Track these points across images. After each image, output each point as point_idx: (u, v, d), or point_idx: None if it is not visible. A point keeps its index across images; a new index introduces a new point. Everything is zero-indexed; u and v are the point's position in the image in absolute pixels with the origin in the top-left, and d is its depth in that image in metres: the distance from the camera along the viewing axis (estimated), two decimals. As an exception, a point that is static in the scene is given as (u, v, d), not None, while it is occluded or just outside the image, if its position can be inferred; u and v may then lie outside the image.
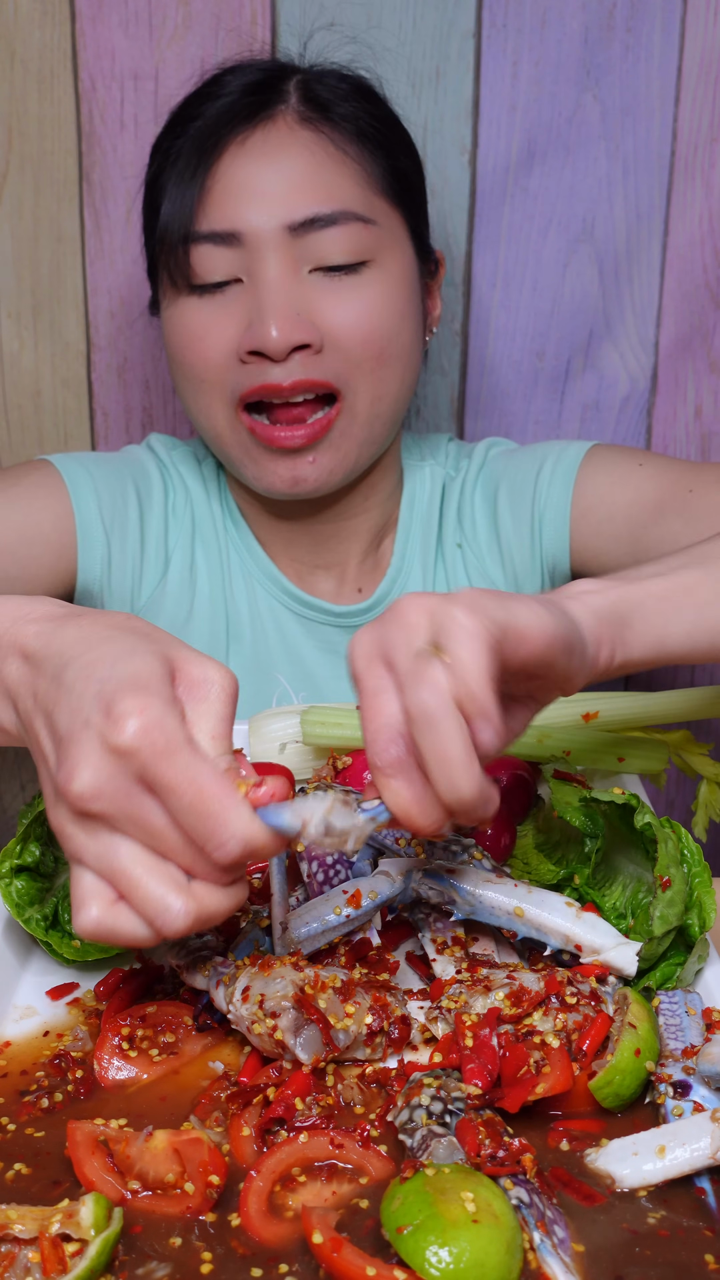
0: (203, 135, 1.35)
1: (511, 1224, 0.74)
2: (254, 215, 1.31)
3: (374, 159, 1.36)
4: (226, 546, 1.49)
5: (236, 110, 1.35)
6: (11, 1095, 0.89)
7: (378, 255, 1.35)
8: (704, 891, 0.97)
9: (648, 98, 1.60)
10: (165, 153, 1.38)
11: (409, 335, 1.38)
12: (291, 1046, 0.87)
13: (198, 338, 1.34)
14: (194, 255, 1.33)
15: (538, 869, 1.09)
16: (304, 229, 1.31)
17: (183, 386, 1.39)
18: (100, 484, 1.45)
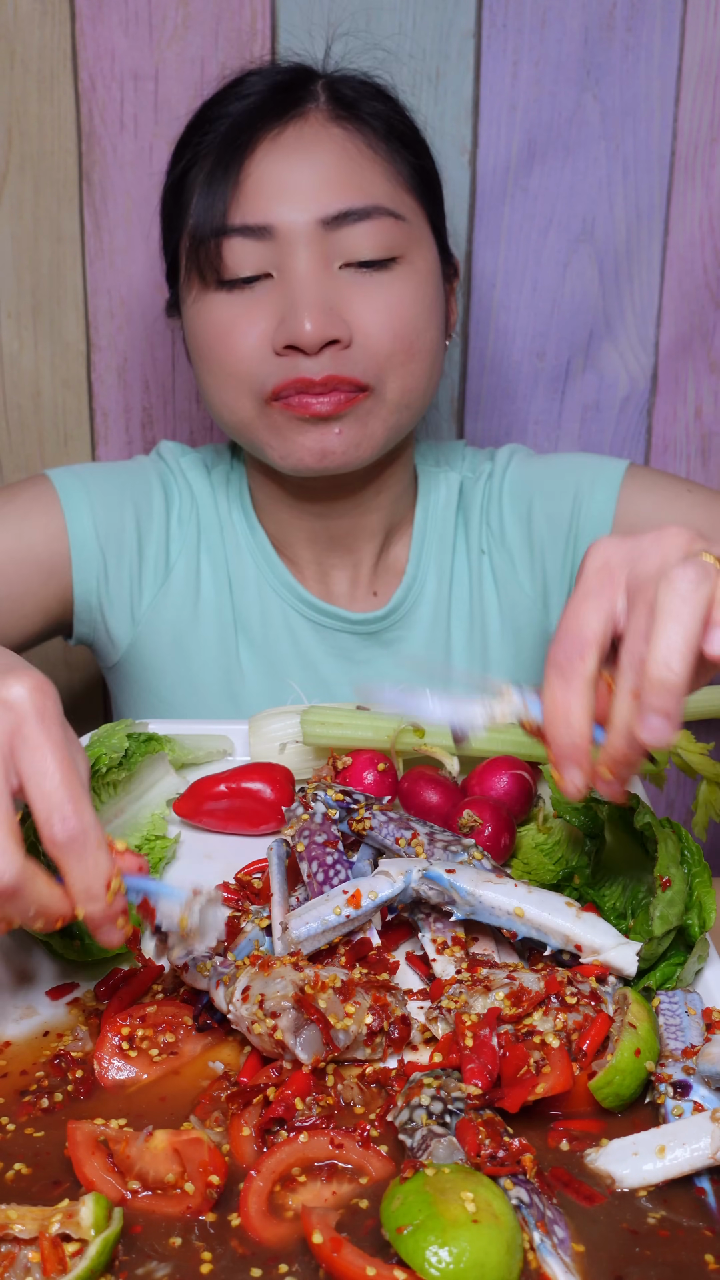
0: (234, 131, 1.36)
1: (511, 1224, 0.74)
2: (287, 209, 1.32)
3: (402, 157, 1.38)
4: (238, 552, 1.49)
5: (267, 107, 1.36)
6: (11, 1095, 0.89)
7: (407, 252, 1.36)
8: (704, 891, 0.97)
9: (648, 98, 1.60)
10: (194, 150, 1.39)
11: (435, 333, 1.39)
12: (291, 1046, 0.87)
13: (227, 332, 1.35)
14: (226, 249, 1.33)
15: (538, 869, 1.09)
16: (336, 223, 1.32)
17: (209, 381, 1.39)
18: (97, 498, 1.45)
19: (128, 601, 1.47)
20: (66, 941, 0.99)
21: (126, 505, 1.47)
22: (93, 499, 1.45)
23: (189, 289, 1.39)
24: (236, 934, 0.99)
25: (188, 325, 1.40)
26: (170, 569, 1.48)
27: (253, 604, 1.48)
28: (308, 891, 1.02)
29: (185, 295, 1.40)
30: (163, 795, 1.17)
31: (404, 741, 1.16)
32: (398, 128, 1.40)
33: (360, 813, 1.06)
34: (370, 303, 1.34)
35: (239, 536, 1.49)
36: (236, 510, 1.50)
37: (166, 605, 1.47)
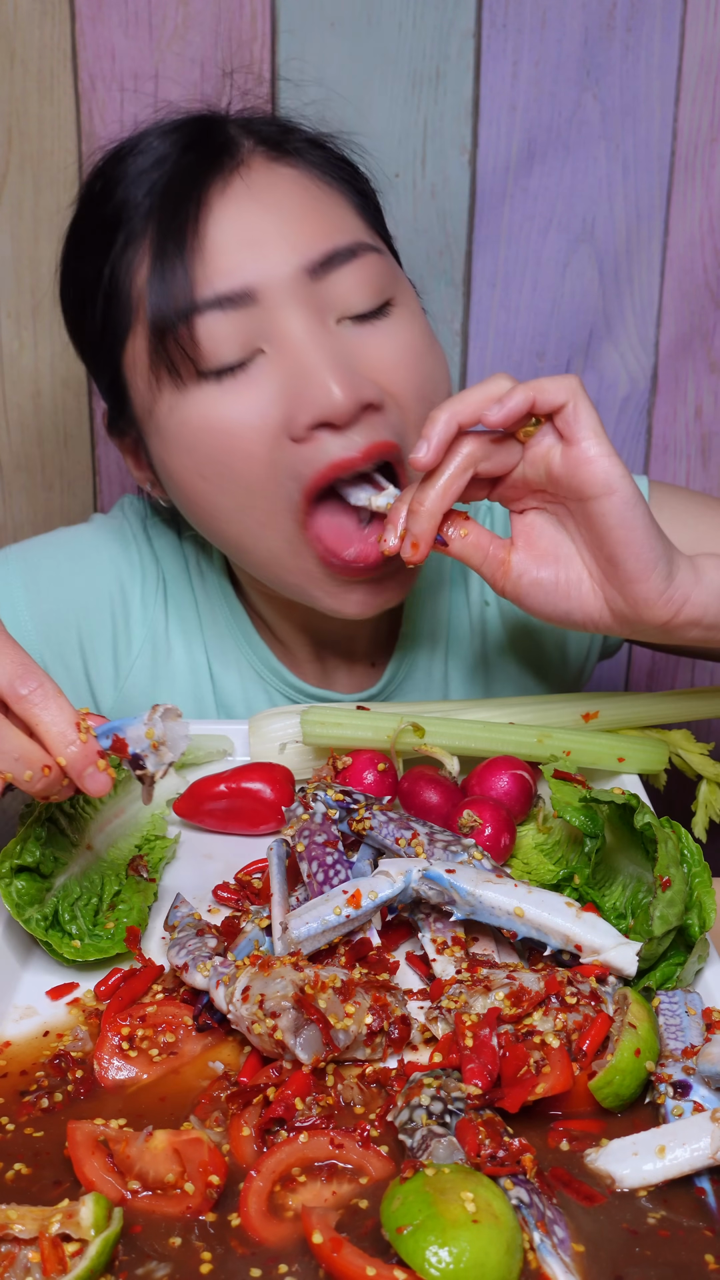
0: (170, 194, 1.17)
1: (511, 1224, 0.74)
2: (265, 263, 1.14)
3: (345, 185, 1.24)
4: (216, 632, 1.36)
5: (199, 165, 1.18)
6: (11, 1095, 0.89)
7: (394, 290, 1.20)
8: (704, 891, 0.97)
9: (648, 98, 1.60)
10: (113, 233, 1.20)
11: (443, 371, 1.24)
12: (291, 1046, 0.87)
13: (230, 434, 1.14)
14: (200, 330, 1.13)
15: (538, 869, 1.09)
16: (323, 269, 1.15)
17: (221, 505, 1.18)
18: (35, 603, 1.32)
19: (89, 698, 1.35)
20: (66, 941, 0.99)
21: (68, 612, 1.33)
22: (31, 601, 1.32)
23: (157, 395, 1.17)
24: (236, 934, 1.00)
25: (168, 441, 1.19)
26: (134, 658, 1.34)
27: (234, 687, 1.36)
28: (308, 891, 1.02)
29: (153, 406, 1.18)
30: (163, 795, 1.17)
31: (404, 741, 1.16)
32: (325, 158, 1.24)
33: (360, 813, 1.06)
34: (383, 356, 1.17)
35: (217, 615, 1.35)
36: (214, 586, 1.35)
37: (134, 695, 1.35)
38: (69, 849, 1.05)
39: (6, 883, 0.99)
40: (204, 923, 1.01)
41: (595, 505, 1.04)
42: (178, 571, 1.36)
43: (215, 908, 1.07)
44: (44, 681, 0.92)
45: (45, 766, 0.92)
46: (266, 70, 1.58)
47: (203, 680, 1.36)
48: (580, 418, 1.03)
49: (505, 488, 1.09)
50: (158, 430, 1.20)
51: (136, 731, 0.96)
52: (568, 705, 1.23)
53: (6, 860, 1.00)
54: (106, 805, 1.10)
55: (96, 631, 1.34)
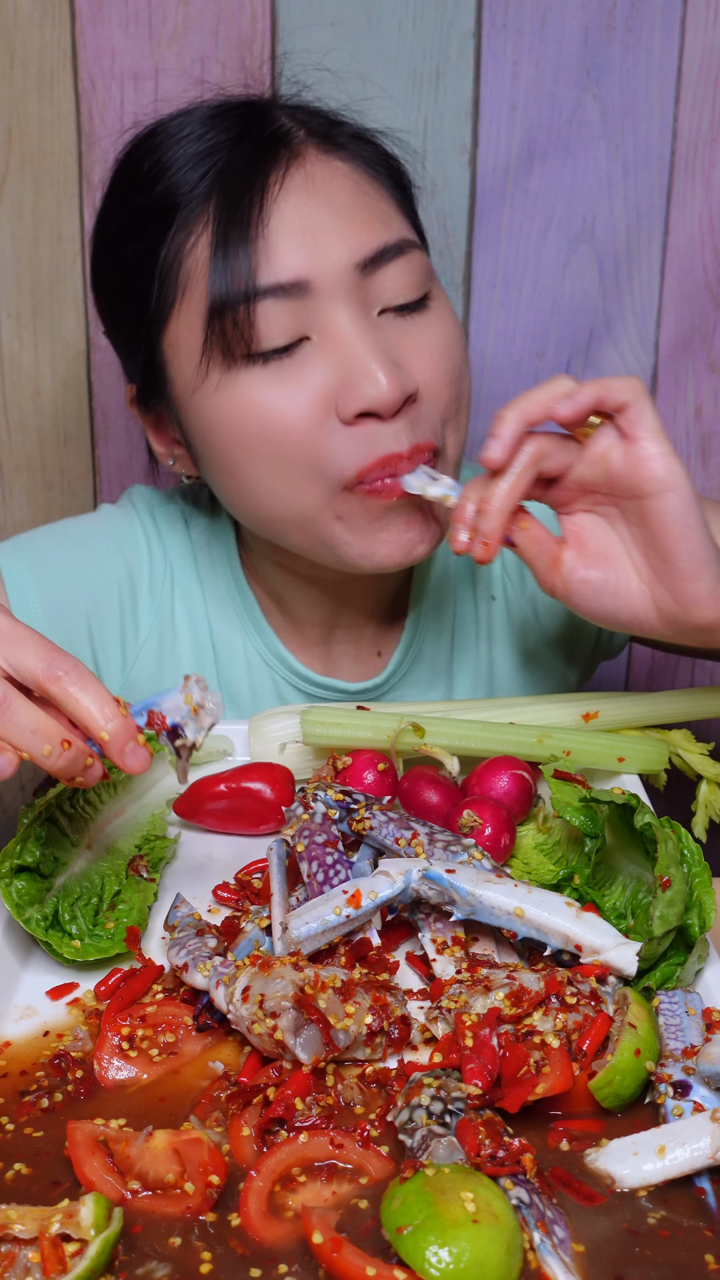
0: (230, 182, 1.20)
1: (511, 1224, 0.74)
2: (320, 257, 1.17)
3: (393, 182, 1.27)
4: (223, 618, 1.37)
5: (252, 148, 1.21)
6: (11, 1095, 0.89)
7: (432, 285, 1.24)
8: (704, 891, 0.97)
9: (648, 98, 1.60)
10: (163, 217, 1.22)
11: (469, 372, 1.28)
12: (291, 1046, 0.87)
13: (278, 412, 1.17)
14: (257, 315, 1.16)
15: (538, 869, 1.09)
16: (373, 265, 1.19)
17: (258, 476, 1.21)
18: (45, 589, 1.33)
19: None
20: (66, 941, 0.99)
21: (78, 597, 1.34)
22: (41, 587, 1.33)
23: (205, 373, 1.20)
24: (236, 934, 0.99)
25: (209, 416, 1.21)
26: (140, 645, 1.36)
27: (240, 674, 1.37)
28: (308, 891, 1.02)
29: (198, 384, 1.21)
30: (163, 795, 1.17)
31: (404, 741, 1.16)
32: (378, 156, 1.27)
33: (360, 813, 1.06)
34: (421, 348, 1.21)
35: (224, 602, 1.37)
36: (223, 573, 1.37)
37: (141, 681, 1.36)
38: (69, 849, 1.05)
39: (6, 883, 0.99)
40: (204, 923, 1.01)
41: (655, 502, 1.07)
42: (185, 561, 1.38)
43: (215, 908, 1.07)
44: (77, 663, 0.93)
45: (64, 740, 0.92)
46: (266, 70, 1.58)
47: (208, 668, 1.37)
48: (644, 417, 1.07)
49: (559, 489, 1.13)
50: (200, 406, 1.22)
51: (173, 702, 0.98)
52: (568, 705, 1.23)
53: (6, 860, 1.00)
54: (106, 805, 1.10)
55: (105, 619, 1.35)
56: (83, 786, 0.97)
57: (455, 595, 1.41)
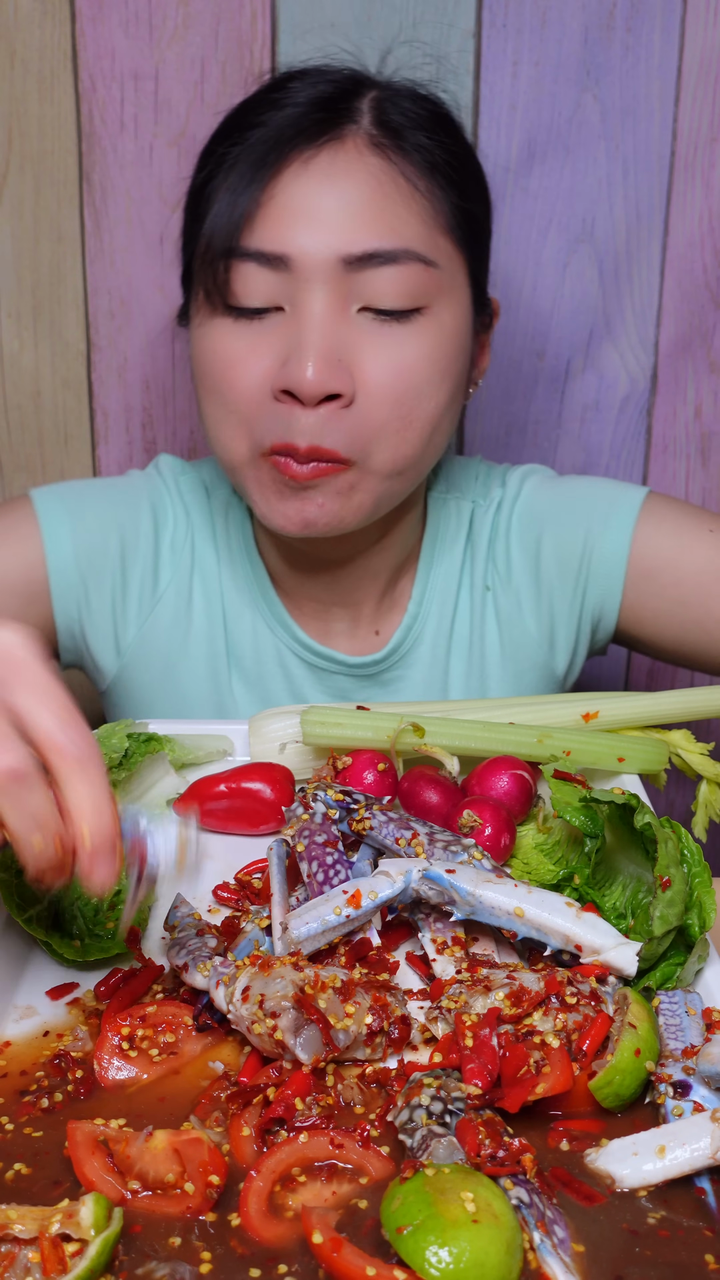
0: (264, 146, 1.25)
1: (511, 1224, 0.74)
2: (308, 240, 1.22)
3: (443, 195, 1.27)
4: (235, 584, 1.42)
5: (303, 125, 1.25)
6: (11, 1095, 0.89)
7: (433, 302, 1.25)
8: (704, 891, 0.97)
9: (648, 98, 1.60)
10: (219, 159, 1.28)
11: (445, 396, 1.28)
12: (291, 1046, 0.87)
13: (230, 365, 1.25)
14: (236, 274, 1.24)
15: (538, 869, 1.09)
16: (360, 264, 1.22)
17: (208, 412, 1.30)
18: (80, 524, 1.39)
19: (111, 631, 1.41)
20: (66, 941, 0.99)
21: (110, 531, 1.40)
22: (75, 525, 1.39)
23: (197, 308, 1.30)
24: (236, 934, 0.99)
25: (194, 346, 1.31)
26: (159, 598, 1.42)
27: (246, 638, 1.42)
28: (308, 891, 1.02)
29: (193, 313, 1.31)
30: (163, 795, 1.17)
31: (404, 741, 1.16)
32: (443, 162, 1.28)
33: (360, 813, 1.06)
34: (380, 357, 1.23)
35: (237, 568, 1.42)
36: (237, 540, 1.43)
37: (154, 635, 1.42)
38: (69, 849, 1.05)
39: (6, 883, 0.99)
40: (204, 923, 1.01)
41: None
42: (204, 526, 1.44)
43: (215, 908, 1.07)
44: (93, 743, 0.83)
45: (58, 836, 0.83)
46: (266, 70, 1.58)
47: (217, 630, 1.42)
48: None
49: None
50: (192, 336, 1.31)
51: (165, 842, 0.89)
52: (568, 705, 1.23)
53: (6, 860, 1.00)
54: (106, 805, 1.10)
55: (130, 569, 1.41)
56: (38, 885, 0.86)
57: (459, 583, 1.44)
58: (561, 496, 1.43)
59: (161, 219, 1.62)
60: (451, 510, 1.45)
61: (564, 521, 1.41)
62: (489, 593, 1.44)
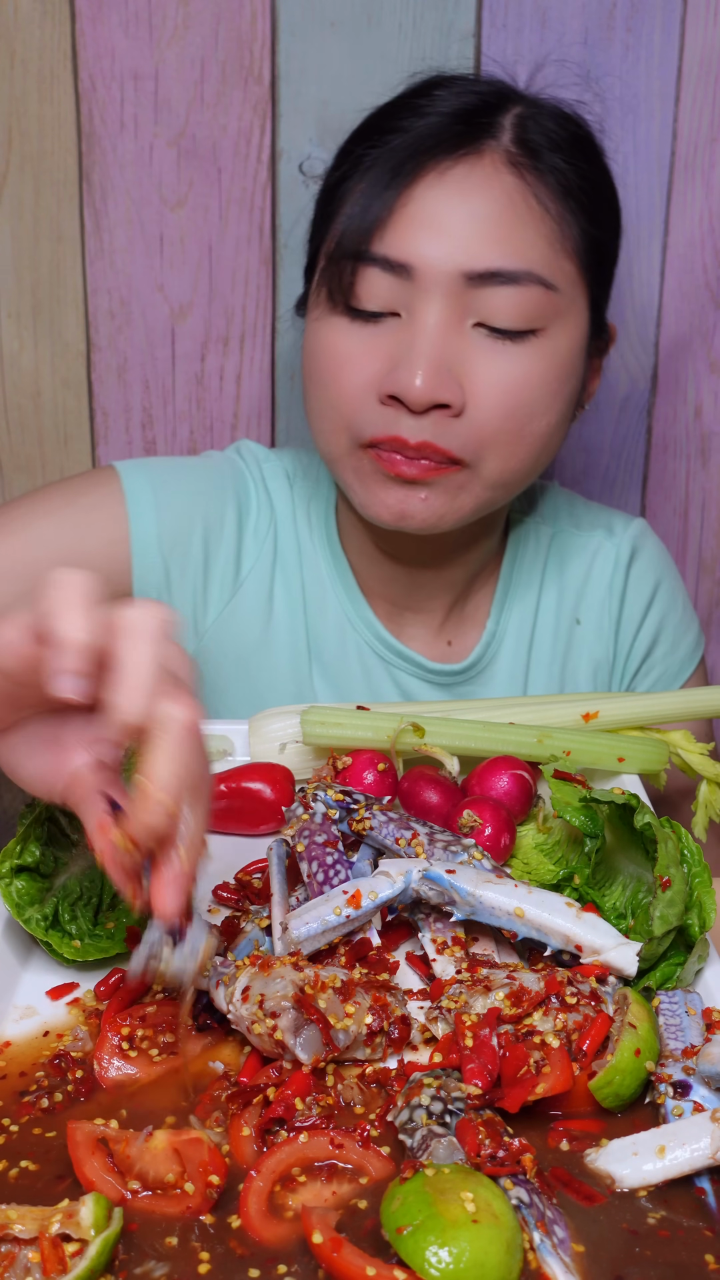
0: (402, 153, 1.25)
1: (511, 1224, 0.74)
2: (433, 251, 1.22)
3: (573, 219, 1.28)
4: (317, 577, 1.42)
5: (443, 135, 1.25)
6: (11, 1096, 0.88)
7: (550, 325, 1.26)
8: (704, 891, 0.97)
9: (648, 98, 1.60)
10: (356, 160, 1.28)
11: (556, 416, 1.30)
12: (291, 1046, 0.87)
13: (341, 364, 1.26)
14: (360, 277, 1.24)
15: (538, 869, 1.09)
16: (481, 281, 1.22)
17: (313, 406, 1.31)
18: (164, 502, 1.37)
19: (190, 614, 1.40)
20: (66, 941, 0.99)
21: (195, 513, 1.39)
22: (160, 502, 1.37)
23: (316, 303, 1.30)
24: (236, 934, 0.99)
25: (307, 340, 1.32)
26: (240, 585, 1.41)
27: (330, 634, 1.42)
28: (308, 891, 1.01)
29: (312, 305, 1.32)
30: (163, 795, 1.17)
31: (404, 741, 1.16)
32: (578, 187, 1.28)
33: (360, 813, 1.06)
34: (492, 373, 1.24)
35: (319, 561, 1.42)
36: (319, 532, 1.43)
37: (234, 622, 1.41)
38: (69, 849, 1.05)
39: (6, 883, 0.99)
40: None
41: None
42: (286, 514, 1.44)
43: (215, 908, 1.07)
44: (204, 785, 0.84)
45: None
46: (266, 70, 1.58)
47: (298, 621, 1.42)
48: None
49: None
50: (308, 327, 1.32)
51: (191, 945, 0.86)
52: (568, 705, 1.23)
53: (6, 860, 1.00)
54: (106, 805, 1.10)
55: (214, 552, 1.40)
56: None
57: (538, 607, 1.45)
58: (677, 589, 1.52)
59: (161, 219, 1.62)
60: (531, 533, 1.46)
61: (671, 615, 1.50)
62: (579, 627, 1.46)
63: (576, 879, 1.04)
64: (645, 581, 1.48)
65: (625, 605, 1.47)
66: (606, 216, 1.33)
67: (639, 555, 1.48)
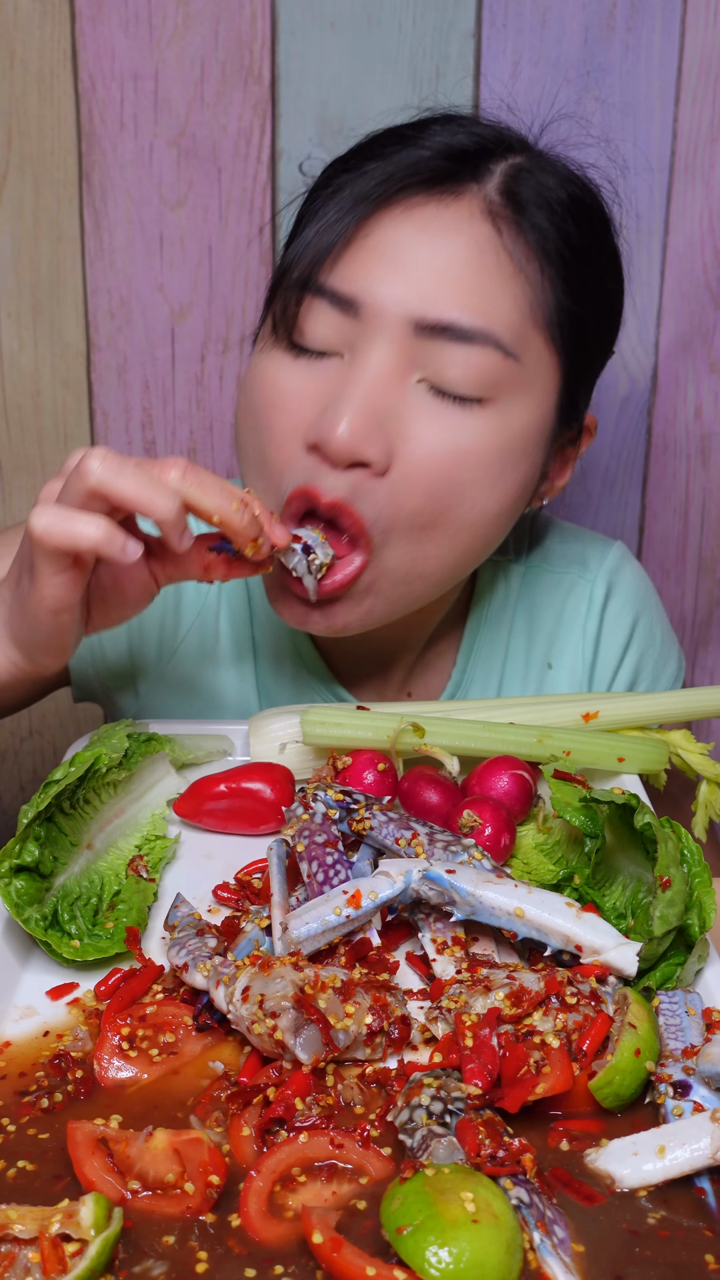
0: (374, 179, 1.13)
1: (511, 1224, 0.74)
2: (385, 291, 1.10)
3: (549, 287, 1.15)
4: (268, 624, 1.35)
5: (422, 169, 1.13)
6: (11, 1096, 0.88)
7: (502, 397, 1.13)
8: (704, 891, 0.97)
9: (648, 98, 1.60)
10: (325, 182, 1.19)
11: (494, 504, 1.15)
12: (291, 1046, 0.87)
13: (275, 404, 1.14)
14: (306, 307, 1.13)
15: (538, 869, 1.09)
16: (432, 333, 1.10)
17: (243, 452, 1.20)
18: None
19: (130, 678, 1.37)
20: (66, 941, 0.99)
21: None
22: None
23: (264, 333, 1.19)
24: (236, 934, 0.99)
25: (246, 375, 1.20)
26: (180, 639, 1.36)
27: (285, 684, 1.35)
28: (308, 891, 1.02)
29: (261, 338, 1.20)
30: (163, 795, 1.17)
31: (404, 741, 1.16)
32: (558, 253, 1.16)
33: (360, 813, 1.06)
34: (427, 437, 1.11)
35: (268, 608, 1.33)
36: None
37: (179, 667, 1.36)
38: (69, 849, 1.05)
39: (6, 883, 0.99)
40: (204, 923, 1.01)
41: None
42: None
43: (215, 908, 1.07)
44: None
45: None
46: (266, 70, 1.58)
47: (246, 667, 1.37)
48: None
49: None
50: (253, 354, 1.21)
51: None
52: (568, 705, 1.23)
53: (6, 860, 1.00)
54: (106, 805, 1.10)
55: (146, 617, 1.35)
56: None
57: (507, 649, 1.38)
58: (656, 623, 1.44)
59: (161, 219, 1.63)
60: (501, 574, 1.38)
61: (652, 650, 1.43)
62: (550, 671, 1.38)
63: (576, 879, 1.04)
64: (622, 621, 1.40)
65: (600, 649, 1.40)
66: (592, 294, 1.20)
67: (615, 592, 1.40)
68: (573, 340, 1.18)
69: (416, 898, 0.98)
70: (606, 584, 1.41)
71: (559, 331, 1.16)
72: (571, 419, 1.22)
